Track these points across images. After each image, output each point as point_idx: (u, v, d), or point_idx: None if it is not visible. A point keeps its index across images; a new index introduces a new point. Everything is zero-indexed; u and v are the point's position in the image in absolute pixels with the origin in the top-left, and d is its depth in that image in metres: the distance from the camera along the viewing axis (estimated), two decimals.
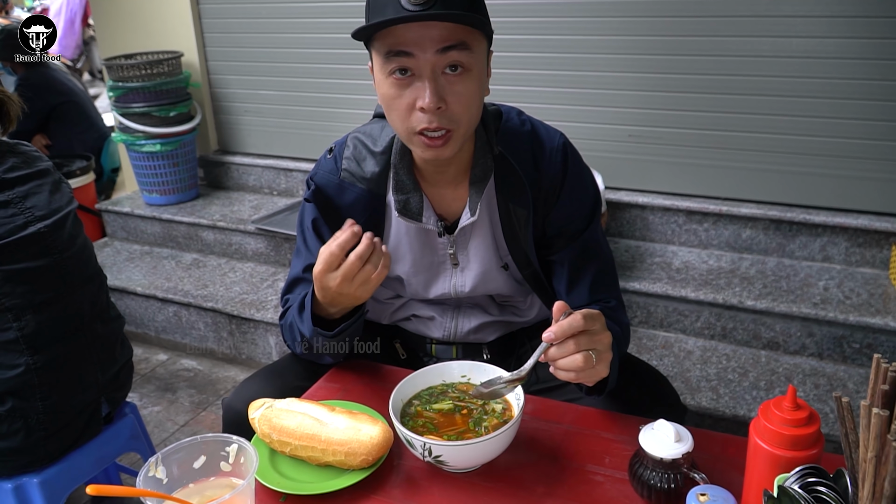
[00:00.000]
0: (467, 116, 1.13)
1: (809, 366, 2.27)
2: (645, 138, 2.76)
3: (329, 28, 3.23)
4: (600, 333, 1.01)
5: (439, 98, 1.08)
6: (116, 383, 1.77)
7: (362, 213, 1.29)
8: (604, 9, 2.68)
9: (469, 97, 1.12)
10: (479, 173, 1.25)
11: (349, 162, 1.30)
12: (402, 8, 1.03)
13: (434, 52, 1.06)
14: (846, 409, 0.73)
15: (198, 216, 3.33)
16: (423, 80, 1.08)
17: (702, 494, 0.87)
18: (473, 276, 1.34)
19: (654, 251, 2.71)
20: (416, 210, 1.27)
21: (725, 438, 1.12)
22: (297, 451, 1.07)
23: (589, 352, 0.98)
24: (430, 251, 1.33)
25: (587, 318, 0.99)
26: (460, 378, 1.18)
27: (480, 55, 1.13)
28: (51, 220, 1.54)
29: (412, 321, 1.45)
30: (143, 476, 0.91)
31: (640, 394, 1.25)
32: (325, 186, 1.31)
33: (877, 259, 2.47)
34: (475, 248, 1.32)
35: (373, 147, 1.29)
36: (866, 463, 0.71)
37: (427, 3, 1.02)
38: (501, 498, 1.02)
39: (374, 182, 1.28)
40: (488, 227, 1.30)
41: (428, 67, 1.07)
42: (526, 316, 1.45)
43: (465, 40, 1.08)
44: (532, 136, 1.28)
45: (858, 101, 2.41)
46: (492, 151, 1.25)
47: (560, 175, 1.27)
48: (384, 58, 1.09)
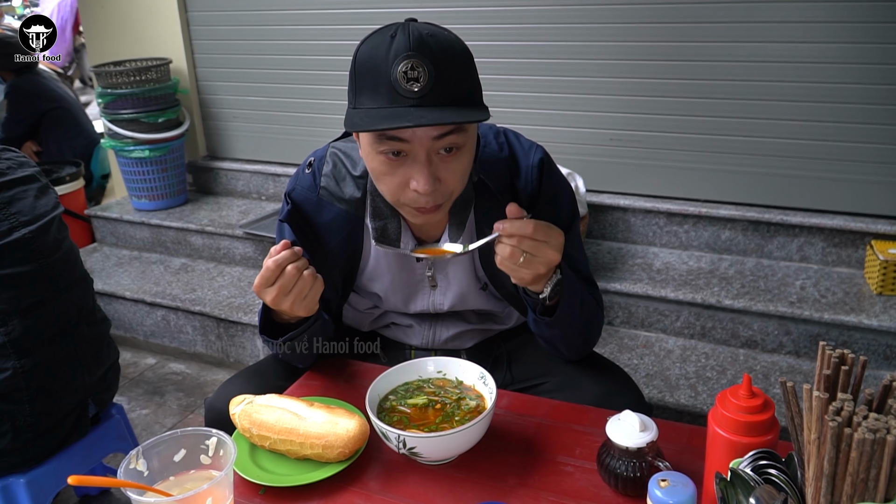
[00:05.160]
0: (460, 186, 1.15)
1: (786, 363, 2.32)
2: (626, 142, 2.81)
3: (316, 35, 3.26)
4: (546, 246, 1.06)
5: (434, 179, 1.08)
6: (103, 385, 1.79)
7: (340, 232, 1.29)
8: (585, 16, 2.73)
9: (463, 170, 1.12)
10: (460, 203, 1.24)
11: (328, 179, 1.28)
12: (397, 95, 1.01)
13: (430, 139, 1.05)
14: (791, 393, 0.77)
15: (186, 221, 3.36)
16: (417, 163, 1.07)
17: (662, 480, 0.90)
18: (452, 296, 1.36)
19: (636, 252, 2.76)
20: (393, 236, 1.27)
21: (691, 429, 1.15)
22: (277, 445, 1.10)
23: (522, 251, 1.05)
24: (409, 272, 1.34)
25: (538, 227, 1.05)
26: (436, 374, 1.21)
27: (474, 128, 1.13)
28: (36, 226, 1.57)
29: (391, 328, 1.47)
30: (123, 468, 0.94)
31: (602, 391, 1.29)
32: (302, 203, 1.29)
33: (852, 258, 2.52)
34: (454, 272, 1.33)
35: (352, 170, 1.28)
36: (810, 445, 0.74)
37: (422, 91, 1.00)
38: (474, 489, 1.06)
39: (352, 205, 1.28)
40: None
41: (423, 152, 1.06)
42: (505, 324, 1.47)
43: (462, 125, 1.07)
44: (509, 159, 1.28)
45: (833, 104, 2.47)
46: (471, 179, 1.24)
47: (535, 191, 1.28)
48: (375, 138, 1.07)
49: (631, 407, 1.06)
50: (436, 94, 1.02)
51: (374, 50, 1.04)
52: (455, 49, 1.06)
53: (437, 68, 1.01)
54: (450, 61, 1.03)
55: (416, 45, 1.01)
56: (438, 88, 1.02)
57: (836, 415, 0.70)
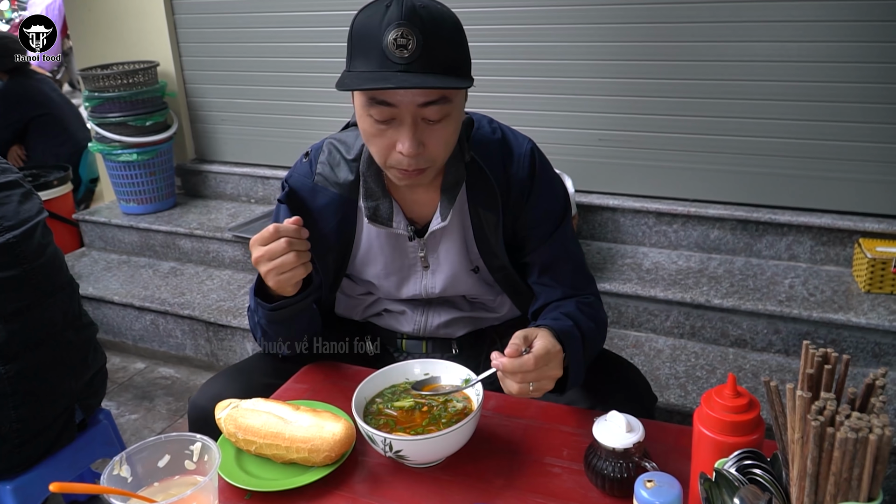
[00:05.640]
0: (445, 154, 1.20)
1: (776, 362, 2.32)
2: (614, 142, 2.81)
3: (303, 37, 3.25)
4: (547, 369, 1.08)
5: (418, 143, 1.14)
6: (90, 390, 1.78)
7: (334, 216, 1.33)
8: (572, 16, 2.73)
9: (447, 139, 1.17)
10: (451, 180, 1.28)
11: (323, 167, 1.33)
12: (386, 59, 1.07)
13: (415, 105, 1.11)
14: (774, 392, 0.76)
15: (175, 225, 3.34)
16: (403, 126, 1.13)
17: (648, 481, 0.90)
18: (444, 278, 1.37)
19: (625, 252, 2.76)
20: (385, 216, 1.31)
21: (678, 429, 1.15)
22: (263, 450, 1.09)
23: (528, 385, 1.06)
24: (401, 254, 1.37)
25: (538, 359, 1.06)
26: (423, 376, 1.21)
27: (460, 97, 1.18)
28: (20, 230, 1.56)
29: (383, 316, 1.49)
30: (107, 474, 0.92)
31: (613, 386, 1.31)
32: (298, 189, 1.34)
33: (840, 257, 2.53)
34: (445, 252, 1.36)
35: (346, 155, 1.33)
36: (794, 444, 0.74)
37: (411, 58, 1.07)
38: (461, 491, 1.05)
39: (346, 188, 1.32)
40: (459, 231, 1.34)
41: (409, 116, 1.12)
42: (496, 312, 1.48)
43: (446, 95, 1.12)
44: (502, 143, 1.33)
45: (821, 103, 2.47)
46: (463, 159, 1.28)
47: (528, 179, 1.31)
48: (366, 101, 1.13)
49: (635, 395, 1.07)
50: (423, 61, 1.08)
51: (369, 18, 1.11)
52: (445, 21, 1.12)
53: (426, 37, 1.07)
54: (438, 31, 1.09)
55: (407, 14, 1.07)
56: (425, 56, 1.08)
57: (818, 414, 0.70)
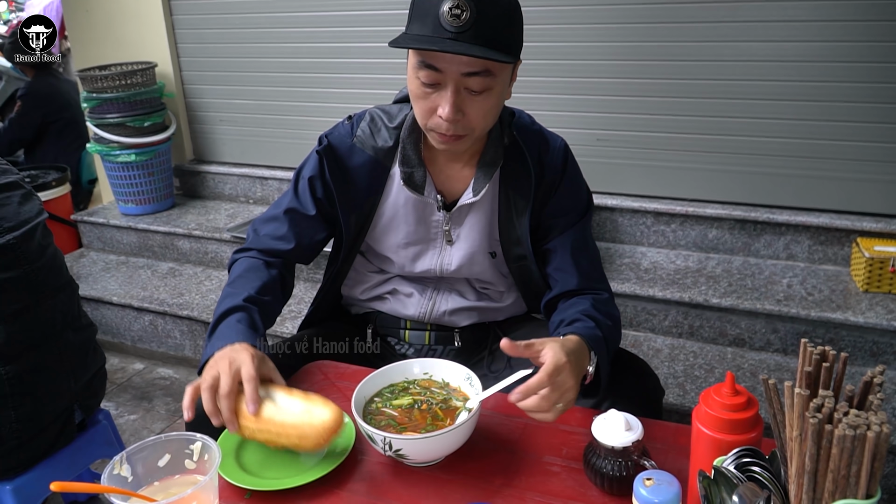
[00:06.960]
0: (483, 125, 1.25)
1: (774, 361, 2.33)
2: (613, 142, 2.81)
3: (302, 38, 3.25)
4: (566, 384, 1.07)
5: (458, 110, 1.19)
6: (90, 391, 1.78)
7: (365, 178, 1.39)
8: (570, 17, 2.74)
9: (487, 111, 1.23)
10: (490, 158, 1.35)
11: (363, 131, 1.40)
12: (440, 26, 1.13)
13: (459, 74, 1.17)
14: (773, 390, 0.77)
15: (173, 225, 3.34)
16: (446, 92, 1.19)
17: (648, 479, 0.91)
18: (461, 255, 1.41)
19: (624, 252, 2.76)
20: (419, 183, 1.36)
21: (677, 428, 1.16)
22: (256, 435, 1.09)
23: (557, 405, 1.06)
24: (425, 226, 1.41)
25: (551, 374, 1.05)
26: (422, 375, 1.21)
27: (504, 74, 1.23)
28: (20, 231, 1.56)
29: (388, 300, 1.51)
30: (107, 474, 0.93)
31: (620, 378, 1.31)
32: (337, 146, 1.40)
33: (838, 256, 2.54)
34: (468, 228, 1.40)
35: (389, 123, 1.39)
36: (792, 441, 0.75)
37: (462, 28, 1.12)
38: (461, 490, 1.06)
39: (383, 153, 1.38)
40: (486, 211, 1.39)
41: (452, 83, 1.18)
42: (501, 303, 1.51)
43: (490, 68, 1.17)
44: (540, 134, 1.41)
45: (818, 103, 2.48)
46: (503, 142, 1.35)
47: (560, 171, 1.39)
48: (417, 62, 1.19)
49: (642, 388, 1.07)
50: (472, 32, 1.13)
51: None
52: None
53: (480, 10, 1.13)
54: (493, 7, 1.14)
55: None
56: (476, 28, 1.13)
57: (816, 412, 0.71)
